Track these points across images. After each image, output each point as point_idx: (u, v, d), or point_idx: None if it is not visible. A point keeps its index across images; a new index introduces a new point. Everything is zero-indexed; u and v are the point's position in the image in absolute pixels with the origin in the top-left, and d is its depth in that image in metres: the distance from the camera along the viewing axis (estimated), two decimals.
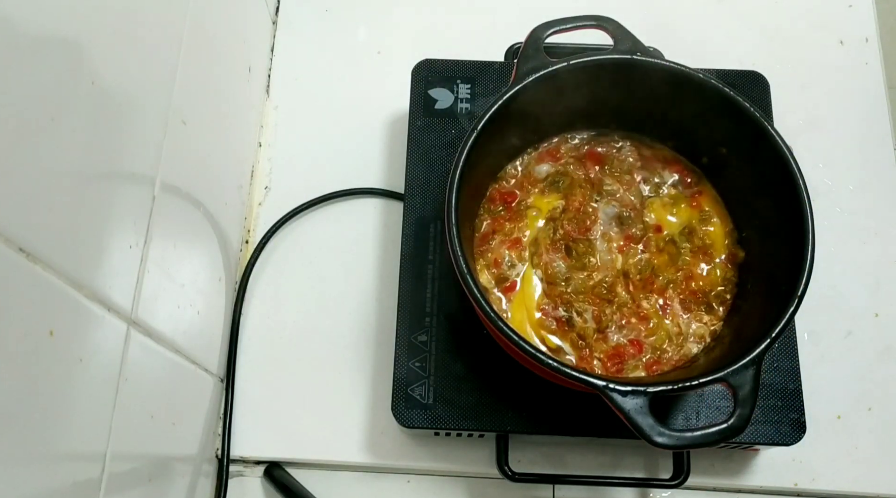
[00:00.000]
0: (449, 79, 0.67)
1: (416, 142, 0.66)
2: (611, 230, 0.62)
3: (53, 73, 0.37)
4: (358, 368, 0.66)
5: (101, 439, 0.43)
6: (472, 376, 0.59)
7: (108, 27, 0.42)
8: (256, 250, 0.69)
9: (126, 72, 0.44)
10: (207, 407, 0.62)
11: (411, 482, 0.64)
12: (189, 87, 0.54)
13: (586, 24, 0.59)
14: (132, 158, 0.46)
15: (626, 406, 0.48)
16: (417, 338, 0.60)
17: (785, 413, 0.58)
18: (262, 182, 0.72)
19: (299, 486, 0.62)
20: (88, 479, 0.42)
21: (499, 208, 0.62)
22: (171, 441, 0.56)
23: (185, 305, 0.56)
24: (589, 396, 0.50)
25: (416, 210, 0.64)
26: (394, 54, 0.77)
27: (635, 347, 0.58)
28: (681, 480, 0.60)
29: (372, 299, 0.68)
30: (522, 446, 0.63)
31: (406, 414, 0.58)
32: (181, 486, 0.58)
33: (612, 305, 0.59)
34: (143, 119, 0.47)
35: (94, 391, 0.42)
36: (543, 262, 0.61)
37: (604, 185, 0.63)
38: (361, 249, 0.70)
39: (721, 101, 0.57)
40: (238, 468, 0.64)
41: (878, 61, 0.77)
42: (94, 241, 0.42)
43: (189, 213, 0.57)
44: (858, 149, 0.74)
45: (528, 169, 0.64)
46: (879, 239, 0.71)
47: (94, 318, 0.42)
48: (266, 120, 0.75)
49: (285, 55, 0.77)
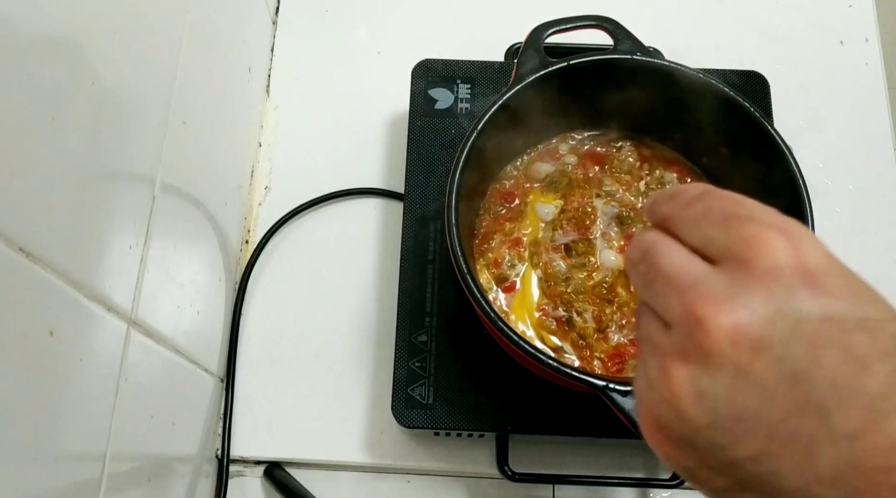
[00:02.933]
0: (449, 79, 0.67)
1: (416, 142, 0.65)
2: (611, 230, 0.62)
3: (53, 73, 0.37)
4: (358, 368, 0.66)
5: (101, 439, 0.43)
6: (472, 376, 0.59)
7: (108, 27, 0.42)
8: (256, 250, 0.69)
9: (126, 72, 0.44)
10: (207, 407, 0.62)
11: (411, 482, 0.64)
12: (189, 87, 0.54)
13: (586, 24, 0.59)
14: (132, 158, 0.46)
15: (626, 406, 0.48)
16: (417, 338, 0.60)
17: None
18: (262, 182, 0.72)
19: (299, 486, 0.62)
20: (88, 479, 0.42)
21: (499, 208, 0.62)
22: (171, 441, 0.56)
23: (185, 304, 0.56)
24: (589, 396, 0.50)
25: (416, 210, 0.64)
26: (394, 54, 0.77)
27: (636, 347, 0.58)
28: (681, 480, 0.60)
29: (372, 299, 0.68)
30: (522, 446, 0.63)
31: (406, 414, 0.58)
32: (181, 486, 0.58)
33: (613, 305, 0.59)
34: (143, 119, 0.47)
35: (94, 391, 0.42)
36: (543, 261, 0.61)
37: (604, 185, 0.63)
38: (361, 249, 0.70)
39: (721, 101, 0.57)
40: (238, 468, 0.64)
41: (878, 61, 0.77)
42: (94, 241, 0.42)
43: (189, 213, 0.57)
44: (858, 149, 0.74)
45: (527, 169, 0.64)
46: (879, 239, 0.71)
47: (94, 318, 0.42)
48: (266, 120, 0.75)
49: (285, 55, 0.77)
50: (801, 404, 0.25)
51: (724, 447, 0.27)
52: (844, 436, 0.24)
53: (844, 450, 0.24)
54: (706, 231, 0.29)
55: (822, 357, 0.25)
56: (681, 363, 0.27)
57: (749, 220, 0.28)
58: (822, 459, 0.25)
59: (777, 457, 0.26)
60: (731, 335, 0.26)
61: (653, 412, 0.29)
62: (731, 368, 0.26)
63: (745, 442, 0.26)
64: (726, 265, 0.28)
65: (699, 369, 0.27)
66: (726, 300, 0.27)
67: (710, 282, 0.27)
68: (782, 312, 0.26)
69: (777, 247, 0.27)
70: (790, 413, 0.25)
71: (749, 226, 0.28)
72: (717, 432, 0.27)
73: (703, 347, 0.27)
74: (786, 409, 0.25)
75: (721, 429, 0.27)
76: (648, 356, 0.29)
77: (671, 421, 0.28)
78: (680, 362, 0.27)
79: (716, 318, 0.26)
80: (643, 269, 0.30)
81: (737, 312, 0.26)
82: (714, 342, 0.26)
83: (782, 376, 0.25)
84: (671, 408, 0.28)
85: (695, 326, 0.27)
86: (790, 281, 0.27)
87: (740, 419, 0.26)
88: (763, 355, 0.26)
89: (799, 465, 0.25)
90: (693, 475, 0.29)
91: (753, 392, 0.26)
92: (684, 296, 0.28)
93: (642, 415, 0.30)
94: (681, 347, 0.27)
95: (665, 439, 0.29)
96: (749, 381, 0.26)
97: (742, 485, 0.27)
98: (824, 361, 0.25)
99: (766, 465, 0.26)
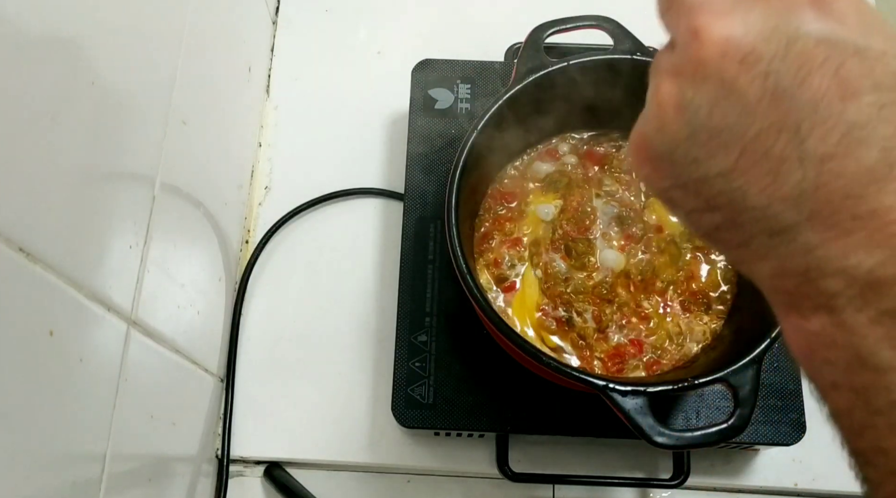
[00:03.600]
0: (449, 79, 0.67)
1: (416, 142, 0.65)
2: (611, 230, 0.62)
3: (53, 73, 0.37)
4: (358, 368, 0.66)
5: (101, 439, 0.43)
6: (472, 376, 0.59)
7: (108, 27, 0.42)
8: (256, 250, 0.69)
9: (126, 72, 0.44)
10: (207, 407, 0.62)
11: (411, 482, 0.64)
12: (189, 87, 0.54)
13: (586, 24, 0.59)
14: (132, 158, 0.46)
15: (626, 406, 0.48)
16: (417, 338, 0.60)
17: (785, 413, 0.58)
18: (262, 182, 0.72)
19: (299, 486, 0.62)
20: (88, 479, 0.42)
21: (499, 208, 0.62)
22: (171, 441, 0.56)
23: (186, 305, 0.56)
24: (589, 396, 0.50)
25: (416, 210, 0.64)
26: (394, 54, 0.77)
27: (636, 347, 0.58)
28: (681, 481, 0.60)
29: (372, 299, 0.68)
30: (522, 446, 0.63)
31: (406, 414, 0.58)
32: (181, 486, 0.58)
33: (613, 305, 0.59)
34: (143, 119, 0.47)
35: (94, 391, 0.42)
36: (543, 261, 0.61)
37: (604, 185, 0.63)
38: (361, 249, 0.70)
39: None
40: (238, 468, 0.64)
41: None
42: (94, 241, 0.42)
43: (189, 213, 0.57)
44: None
45: (527, 169, 0.64)
46: None
47: (94, 318, 0.42)
48: (266, 120, 0.75)
49: (285, 55, 0.77)
50: (778, 123, 0.25)
51: (699, 161, 0.27)
52: (815, 158, 0.25)
53: (811, 171, 0.25)
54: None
55: (809, 78, 0.25)
56: (672, 77, 0.27)
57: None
58: (789, 178, 0.25)
59: (745, 173, 0.26)
60: (721, 46, 0.26)
61: (639, 131, 0.30)
62: (716, 79, 0.26)
63: (718, 157, 0.27)
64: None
65: (686, 81, 0.27)
66: (726, 14, 0.26)
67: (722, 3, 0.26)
68: (779, 29, 0.25)
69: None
70: (766, 131, 0.25)
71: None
72: (693, 145, 0.27)
73: (694, 58, 0.26)
74: (762, 126, 0.25)
75: (697, 142, 0.27)
76: (650, 82, 0.29)
77: (653, 136, 0.29)
78: (671, 76, 0.27)
79: (710, 28, 0.26)
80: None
81: (733, 24, 0.26)
82: (704, 52, 0.26)
83: (765, 93, 0.25)
84: (655, 121, 0.28)
85: (691, 37, 0.26)
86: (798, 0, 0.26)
87: (717, 132, 0.26)
88: (749, 70, 0.25)
89: (766, 183, 0.26)
90: (668, 197, 0.30)
91: (734, 106, 0.26)
92: (691, 11, 0.27)
93: (631, 140, 0.31)
94: (676, 62, 0.27)
95: (646, 158, 0.29)
96: (731, 94, 0.26)
97: (710, 204, 0.28)
98: (811, 83, 0.25)
99: (735, 182, 0.26)
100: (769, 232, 0.27)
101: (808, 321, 0.27)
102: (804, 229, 0.26)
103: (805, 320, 0.27)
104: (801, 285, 0.26)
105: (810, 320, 0.27)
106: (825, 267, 0.25)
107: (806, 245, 0.26)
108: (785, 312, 0.28)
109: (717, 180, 0.27)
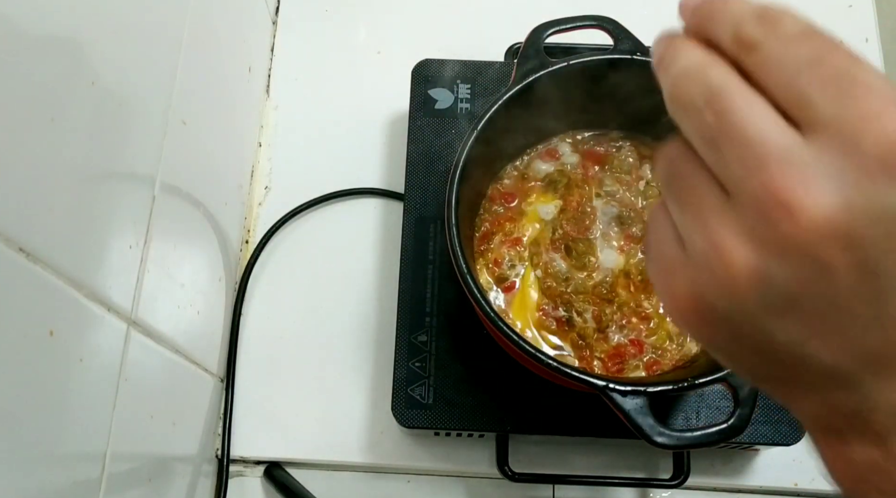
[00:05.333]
0: (449, 79, 0.67)
1: (416, 142, 0.65)
2: (611, 230, 0.62)
3: (53, 73, 0.37)
4: (358, 368, 0.66)
5: (101, 439, 0.43)
6: (472, 376, 0.59)
7: (108, 27, 0.42)
8: (256, 250, 0.69)
9: (126, 72, 0.44)
10: (207, 407, 0.62)
11: (411, 482, 0.64)
12: (189, 87, 0.54)
13: (586, 24, 0.59)
14: (132, 158, 0.46)
15: (626, 406, 0.48)
16: (417, 338, 0.60)
17: (785, 413, 0.58)
18: (262, 182, 0.72)
19: (299, 486, 0.62)
20: (88, 479, 0.42)
21: (499, 208, 0.62)
22: (171, 441, 0.56)
23: (185, 305, 0.56)
24: (589, 395, 0.50)
25: (416, 210, 0.64)
26: (394, 54, 0.77)
27: (636, 347, 0.58)
28: (681, 480, 0.60)
29: (372, 299, 0.68)
30: (522, 446, 0.63)
31: (406, 414, 0.58)
32: (181, 486, 0.58)
33: (613, 305, 0.59)
34: (143, 119, 0.47)
35: (94, 391, 0.42)
36: (543, 261, 0.61)
37: (604, 185, 0.63)
38: (361, 249, 0.70)
39: None
40: (238, 468, 0.64)
41: (878, 61, 0.77)
42: (94, 241, 0.42)
43: (189, 213, 0.57)
44: None
45: (527, 169, 0.64)
46: None
47: (94, 318, 0.42)
48: (266, 120, 0.75)
49: (285, 55, 0.77)
50: (865, 294, 0.23)
51: (771, 332, 0.25)
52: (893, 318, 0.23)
53: (893, 332, 0.23)
54: (807, 88, 0.23)
55: None
56: (746, 243, 0.24)
57: (868, 89, 0.23)
58: (865, 339, 0.24)
59: (819, 339, 0.24)
60: (820, 228, 0.22)
61: (694, 291, 0.25)
62: (809, 261, 0.23)
63: (792, 327, 0.24)
64: (823, 139, 0.23)
65: (770, 256, 0.23)
66: (819, 186, 0.22)
67: (802, 160, 0.23)
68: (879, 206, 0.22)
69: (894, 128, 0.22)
70: (854, 305, 0.23)
71: (869, 97, 0.23)
72: (766, 316, 0.24)
73: (784, 234, 0.23)
74: (852, 303, 0.23)
75: (773, 312, 0.24)
76: (690, 221, 0.25)
77: (716, 300, 0.25)
78: (745, 242, 0.24)
79: (804, 204, 0.22)
80: (710, 118, 0.24)
81: (831, 201, 0.22)
82: (799, 233, 0.22)
83: (861, 274, 0.23)
84: (722, 289, 0.24)
85: (776, 208, 0.23)
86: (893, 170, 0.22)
87: (797, 305, 0.24)
88: (853, 255, 0.23)
89: (838, 344, 0.24)
90: (719, 349, 0.27)
91: (827, 287, 0.23)
92: (767, 170, 0.23)
93: (672, 286, 0.26)
94: (748, 225, 0.24)
95: (703, 321, 0.26)
96: (826, 276, 0.23)
97: (769, 359, 0.26)
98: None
99: (807, 348, 0.24)
100: (825, 381, 0.25)
101: (853, 451, 0.26)
102: (867, 380, 0.25)
103: (850, 449, 0.26)
104: (849, 419, 0.26)
105: (856, 450, 0.26)
106: (880, 408, 0.25)
107: (865, 393, 0.25)
108: (825, 440, 0.27)
109: (789, 345, 0.25)
